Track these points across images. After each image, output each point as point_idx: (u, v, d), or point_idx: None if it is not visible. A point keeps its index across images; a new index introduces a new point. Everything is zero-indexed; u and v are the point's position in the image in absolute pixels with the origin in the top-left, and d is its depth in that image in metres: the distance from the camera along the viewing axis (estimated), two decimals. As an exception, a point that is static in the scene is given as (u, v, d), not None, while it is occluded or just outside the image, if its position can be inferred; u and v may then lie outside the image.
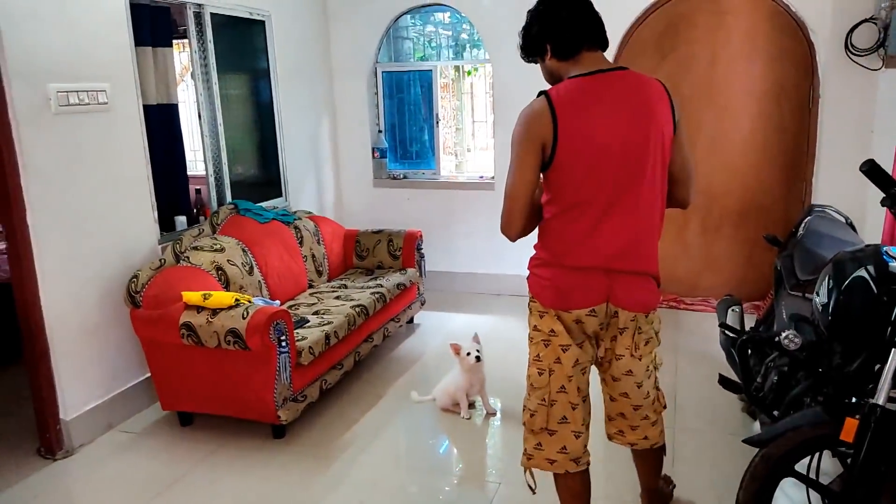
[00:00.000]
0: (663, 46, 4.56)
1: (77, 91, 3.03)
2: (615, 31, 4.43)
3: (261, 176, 4.60)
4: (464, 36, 5.39)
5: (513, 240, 1.95)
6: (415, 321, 4.62)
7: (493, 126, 4.94)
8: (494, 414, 3.35)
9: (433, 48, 5.53)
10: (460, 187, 5.21)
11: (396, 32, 5.34)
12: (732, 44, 4.44)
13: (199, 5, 3.81)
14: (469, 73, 6.14)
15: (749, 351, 2.50)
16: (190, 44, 3.84)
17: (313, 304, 3.75)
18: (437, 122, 5.28)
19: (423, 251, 4.56)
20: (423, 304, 4.61)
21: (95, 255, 3.17)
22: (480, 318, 4.67)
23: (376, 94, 5.34)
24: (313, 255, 4.23)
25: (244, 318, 2.93)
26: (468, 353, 3.23)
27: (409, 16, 5.23)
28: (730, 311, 2.91)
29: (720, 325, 2.90)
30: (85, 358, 3.13)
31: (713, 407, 3.26)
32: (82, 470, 2.95)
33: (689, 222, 4.75)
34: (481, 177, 5.25)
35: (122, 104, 3.28)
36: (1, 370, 3.97)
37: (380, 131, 5.39)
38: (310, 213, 4.55)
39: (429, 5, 5.04)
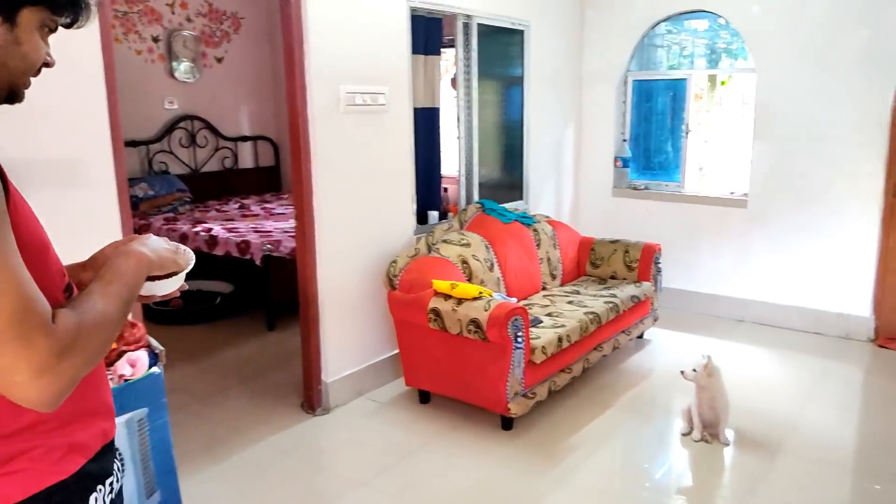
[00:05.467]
0: None
1: (362, 93, 3.42)
2: None
3: (505, 178, 4.80)
4: (720, 44, 5.12)
5: None
6: (645, 336, 4.49)
7: (753, 139, 4.62)
8: (727, 444, 3.15)
9: (685, 56, 5.32)
10: (707, 202, 4.95)
11: (648, 40, 5.23)
12: None
13: (469, 16, 4.08)
14: (723, 82, 5.81)
15: None
16: (456, 52, 4.13)
17: (546, 306, 3.82)
18: (687, 134, 5.07)
19: (660, 265, 4.41)
20: (655, 321, 4.46)
21: (363, 239, 3.55)
22: (717, 343, 4.40)
23: (624, 102, 5.28)
24: (549, 259, 4.30)
25: (486, 311, 3.08)
26: (693, 369, 3.08)
27: (663, 23, 5.10)
28: None
29: None
30: (347, 329, 3.52)
31: None
32: (335, 427, 3.33)
33: None
34: (732, 193, 4.93)
35: (396, 106, 3.63)
36: (280, 331, 4.62)
37: (624, 140, 5.32)
38: (548, 217, 4.64)
39: (689, 12, 4.86)
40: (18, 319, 0.83)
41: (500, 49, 4.55)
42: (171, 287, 1.20)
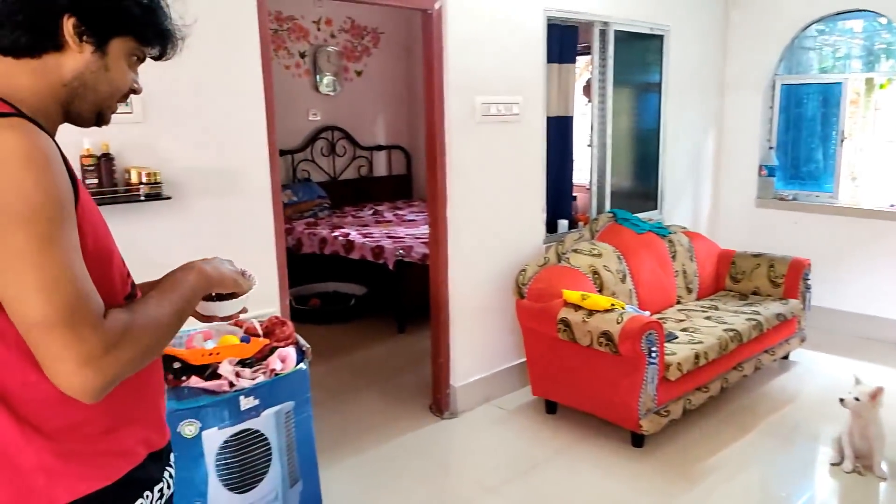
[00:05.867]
0: None
1: (496, 103, 3.47)
2: None
3: (638, 187, 4.67)
4: (879, 45, 4.70)
5: None
6: (790, 358, 4.20)
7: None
8: (884, 478, 2.88)
9: (839, 59, 4.93)
10: (862, 215, 4.56)
11: (798, 42, 4.90)
12: None
13: (606, 23, 4.02)
14: (882, 86, 5.32)
15: None
16: (592, 59, 4.09)
17: (681, 321, 3.67)
18: (842, 141, 4.70)
19: (809, 282, 4.11)
20: (802, 341, 4.16)
21: (493, 247, 3.59)
22: (872, 368, 4.03)
23: (771, 108, 4.98)
24: (685, 271, 4.14)
25: (618, 323, 3.02)
26: (855, 397, 2.84)
27: (815, 25, 4.75)
28: None
29: None
30: (475, 335, 3.57)
31: None
32: (463, 432, 3.38)
33: None
34: (892, 205, 4.51)
35: (530, 115, 3.65)
36: (410, 334, 4.77)
37: (770, 148, 5.01)
38: (684, 228, 4.46)
39: (847, 12, 4.51)
40: (70, 310, 0.89)
41: (637, 55, 4.45)
42: (231, 309, 1.22)
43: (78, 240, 0.94)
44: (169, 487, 1.18)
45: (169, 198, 2.33)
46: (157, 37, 1.08)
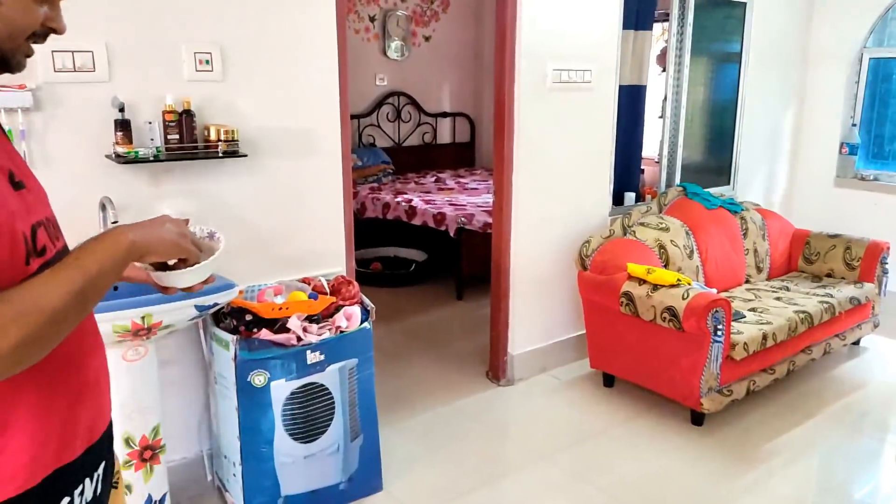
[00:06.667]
0: None
1: (569, 70, 3.40)
2: None
3: (710, 162, 4.53)
4: None
5: None
6: (861, 344, 4.04)
7: None
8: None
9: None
10: (952, 199, 4.31)
11: (892, 13, 4.60)
12: None
13: (685, -11, 3.87)
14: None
15: None
16: (669, 27, 3.95)
17: (749, 301, 3.57)
18: (935, 119, 4.43)
19: (887, 266, 3.93)
20: (875, 327, 3.99)
21: (556, 217, 3.56)
22: (953, 360, 3.85)
23: (857, 82, 4.72)
24: (755, 250, 4.01)
25: (684, 299, 2.96)
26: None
27: (916, -7, 4.46)
28: None
29: None
30: (534, 305, 3.57)
31: None
32: (518, 400, 3.41)
33: None
34: None
35: (602, 84, 3.56)
36: (468, 301, 4.80)
37: (853, 125, 4.77)
38: (757, 205, 4.31)
39: (951, -22, 4.21)
40: None
41: (717, 23, 4.27)
42: (187, 280, 1.04)
43: None
44: (96, 491, 1.02)
45: (245, 155, 2.39)
46: None
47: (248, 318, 2.30)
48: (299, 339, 2.29)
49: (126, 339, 1.96)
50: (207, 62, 2.33)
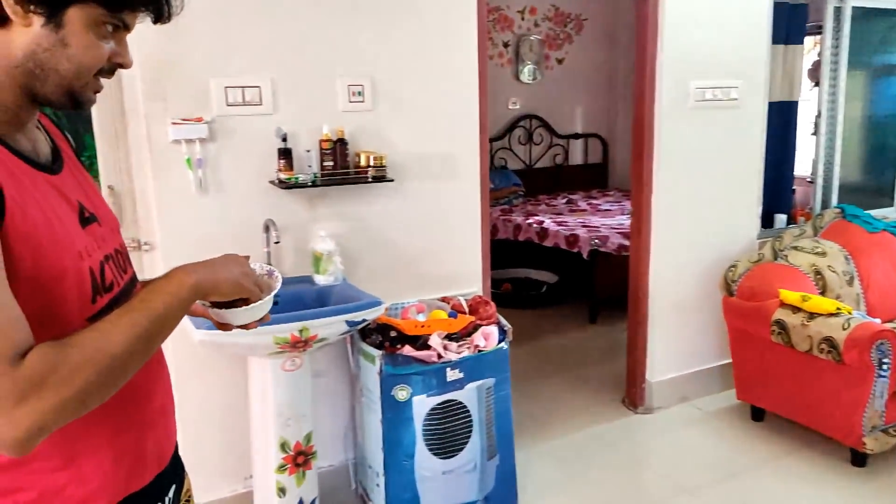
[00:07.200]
0: None
1: (713, 87, 3.28)
2: None
3: (870, 181, 4.19)
4: None
5: None
6: None
7: None
8: None
9: None
10: None
11: None
12: None
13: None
14: None
15: None
16: (823, 40, 3.71)
17: (921, 333, 3.24)
18: None
19: None
20: None
21: (699, 239, 3.42)
22: None
23: None
24: (927, 278, 3.63)
25: (844, 329, 2.75)
26: None
27: None
28: None
29: None
30: (675, 331, 3.44)
31: None
32: (658, 429, 3.28)
33: None
34: None
35: (749, 100, 3.41)
36: (602, 325, 4.71)
37: None
38: (928, 229, 3.92)
39: None
40: None
41: (876, 34, 3.96)
42: (245, 318, 1.05)
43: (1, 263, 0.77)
44: None
45: (392, 180, 2.52)
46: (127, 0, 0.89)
47: (393, 334, 2.40)
48: (440, 356, 2.36)
49: (285, 350, 2.11)
50: (359, 94, 2.48)
